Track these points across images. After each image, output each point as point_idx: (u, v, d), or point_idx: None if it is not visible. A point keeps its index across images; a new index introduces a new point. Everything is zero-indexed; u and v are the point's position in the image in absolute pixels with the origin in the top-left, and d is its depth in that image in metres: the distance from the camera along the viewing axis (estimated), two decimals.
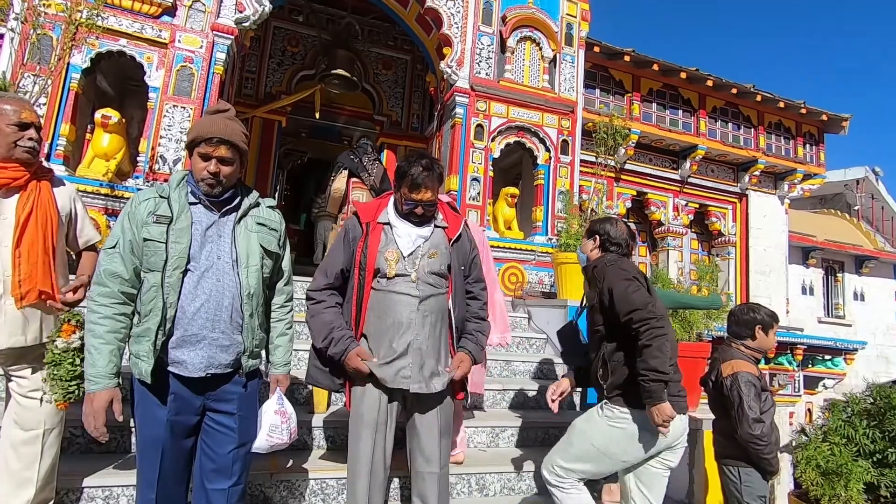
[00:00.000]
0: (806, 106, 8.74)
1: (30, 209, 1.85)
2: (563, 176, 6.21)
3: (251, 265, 1.77)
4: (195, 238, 1.69)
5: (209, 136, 1.66)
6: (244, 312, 1.75)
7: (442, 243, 2.12)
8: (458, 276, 2.14)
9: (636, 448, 2.05)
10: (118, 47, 4.73)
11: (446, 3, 5.96)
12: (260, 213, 1.86)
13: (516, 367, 4.12)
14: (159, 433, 1.68)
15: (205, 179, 1.69)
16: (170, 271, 1.65)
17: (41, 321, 1.89)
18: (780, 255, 9.20)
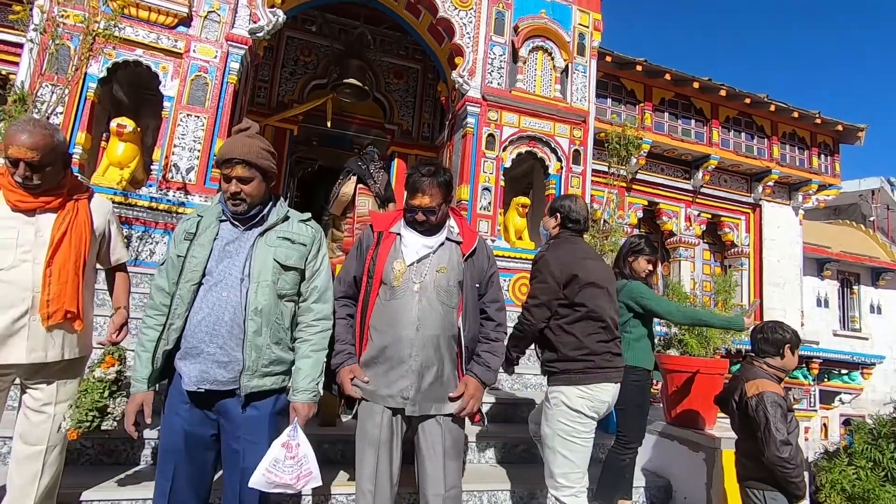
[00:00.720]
0: (821, 116, 8.64)
1: (65, 229, 1.85)
2: (574, 186, 6.17)
3: (262, 280, 1.72)
4: (214, 253, 1.74)
5: (226, 157, 1.72)
6: (247, 328, 1.69)
7: (454, 258, 2.01)
8: (470, 292, 2.00)
9: (580, 420, 2.25)
10: (134, 57, 4.78)
11: (458, 13, 5.97)
12: (287, 228, 1.82)
13: (528, 380, 4.06)
14: (174, 442, 1.71)
15: (228, 199, 1.75)
16: (182, 283, 1.73)
17: (63, 339, 1.88)
18: (795, 267, 9.06)
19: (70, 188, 1.94)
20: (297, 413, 1.77)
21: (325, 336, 1.85)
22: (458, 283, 1.97)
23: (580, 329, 2.30)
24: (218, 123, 4.98)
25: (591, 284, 2.34)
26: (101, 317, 3.43)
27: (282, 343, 1.78)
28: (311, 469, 1.72)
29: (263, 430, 1.74)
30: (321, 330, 1.84)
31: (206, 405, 1.72)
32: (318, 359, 1.82)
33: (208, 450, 1.76)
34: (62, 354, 1.87)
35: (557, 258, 2.38)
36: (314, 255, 1.86)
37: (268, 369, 1.74)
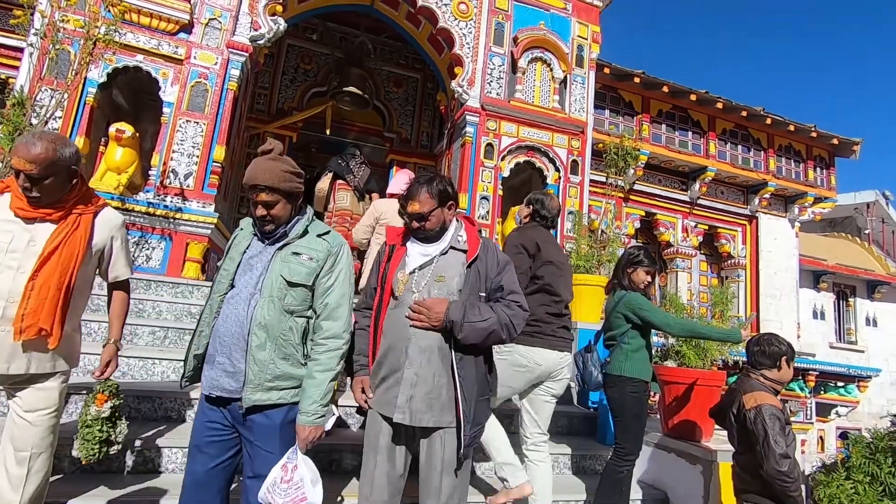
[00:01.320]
0: (816, 129, 8.72)
1: (58, 243, 1.80)
2: (572, 196, 6.19)
3: (269, 296, 1.73)
4: (242, 266, 1.82)
5: (251, 183, 1.76)
6: (250, 342, 1.70)
7: (455, 267, 1.95)
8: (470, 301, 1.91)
9: (516, 377, 2.60)
10: (135, 63, 4.79)
11: (458, 24, 6.02)
12: (303, 243, 1.81)
13: None
14: (198, 436, 1.79)
15: (258, 219, 1.81)
16: (213, 294, 1.83)
17: (31, 355, 1.80)
18: (791, 279, 9.08)
19: (78, 200, 1.89)
20: (298, 435, 1.74)
21: (333, 356, 1.78)
22: (459, 291, 1.92)
23: (534, 300, 2.56)
24: (217, 130, 4.99)
25: (551, 263, 2.67)
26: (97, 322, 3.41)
27: (290, 358, 1.75)
28: (304, 495, 1.67)
29: (275, 439, 1.73)
30: (330, 349, 1.78)
31: (224, 408, 1.77)
32: (323, 379, 1.75)
33: (223, 449, 1.77)
34: (27, 368, 1.80)
35: (525, 235, 2.74)
36: (328, 270, 1.81)
37: (272, 384, 1.72)
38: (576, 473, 3.32)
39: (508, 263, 2.04)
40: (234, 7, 5.16)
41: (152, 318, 3.77)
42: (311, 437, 1.74)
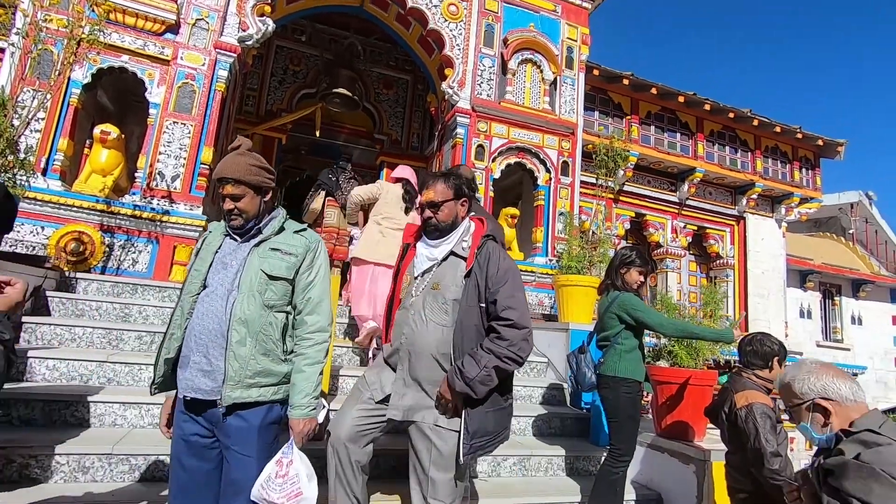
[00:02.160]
0: (802, 131, 8.84)
1: None
2: (563, 197, 6.20)
3: (249, 291, 1.71)
4: (214, 265, 1.79)
5: (218, 176, 1.79)
6: (230, 338, 1.67)
7: (454, 274, 1.94)
8: (465, 312, 1.87)
9: None
10: (120, 63, 4.72)
11: (448, 25, 6.02)
12: (281, 240, 1.82)
13: (517, 392, 4.02)
14: (175, 451, 1.76)
15: (225, 216, 1.81)
16: (183, 295, 1.79)
17: None
18: (779, 278, 9.19)
19: None
20: (292, 430, 1.73)
21: (320, 349, 1.79)
22: (454, 301, 1.90)
23: None
24: (205, 131, 4.92)
25: None
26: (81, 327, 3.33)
27: (270, 354, 1.73)
28: (300, 489, 1.65)
29: (252, 442, 1.69)
30: (316, 343, 1.79)
31: (200, 415, 1.72)
32: (312, 373, 1.76)
33: (203, 459, 1.73)
34: None
35: None
36: (307, 265, 1.82)
37: (253, 380, 1.69)
38: (569, 475, 3.31)
39: (510, 272, 1.92)
40: (222, 7, 5.10)
41: (139, 322, 3.70)
42: (307, 429, 1.75)
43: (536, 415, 3.70)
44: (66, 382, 2.95)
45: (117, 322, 3.61)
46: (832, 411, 1.48)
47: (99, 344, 3.33)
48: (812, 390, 1.52)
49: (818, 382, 1.52)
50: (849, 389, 1.50)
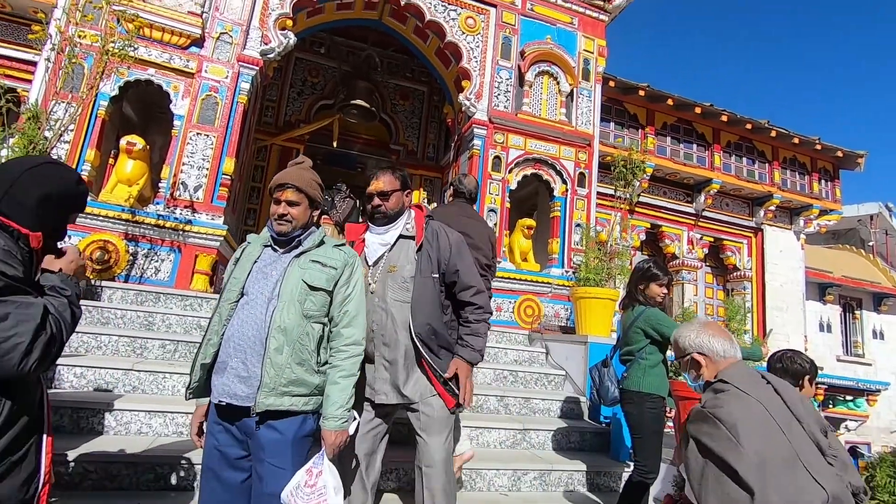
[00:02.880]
0: (821, 142, 8.75)
1: None
2: (579, 208, 6.19)
3: (290, 300, 1.75)
4: (253, 274, 1.82)
5: (280, 182, 1.86)
6: (268, 345, 1.70)
7: (408, 254, 2.12)
8: (420, 286, 2.07)
9: None
10: (146, 76, 4.83)
11: (466, 38, 6.08)
12: (321, 252, 1.86)
13: (536, 405, 4.00)
14: (208, 460, 1.78)
15: (275, 219, 1.85)
16: (222, 302, 1.83)
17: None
18: (797, 291, 9.05)
19: None
20: (324, 441, 1.75)
21: (355, 362, 1.82)
22: (411, 277, 2.08)
23: None
24: (227, 142, 5.01)
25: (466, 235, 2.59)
26: (107, 335, 3.38)
27: (305, 364, 1.75)
28: (326, 500, 1.66)
29: (287, 455, 1.71)
30: (352, 355, 1.82)
31: (233, 424, 1.74)
32: (346, 385, 1.79)
33: (237, 469, 1.75)
34: None
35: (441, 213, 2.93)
36: (345, 279, 1.86)
37: (286, 389, 1.71)
38: (590, 490, 3.27)
39: (461, 244, 2.19)
40: (245, 21, 5.22)
41: (162, 331, 3.75)
42: (339, 441, 1.76)
43: (556, 428, 3.67)
44: (92, 390, 2.99)
45: (141, 330, 3.67)
46: (703, 364, 1.71)
47: (124, 352, 3.38)
48: (691, 346, 1.75)
49: (696, 339, 1.75)
50: (721, 347, 1.71)
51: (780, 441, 1.47)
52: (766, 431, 1.49)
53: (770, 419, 1.51)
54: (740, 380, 1.60)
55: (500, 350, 4.74)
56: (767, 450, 1.44)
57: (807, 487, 1.41)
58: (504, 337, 5.11)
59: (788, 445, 1.47)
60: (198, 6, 5.01)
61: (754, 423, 1.49)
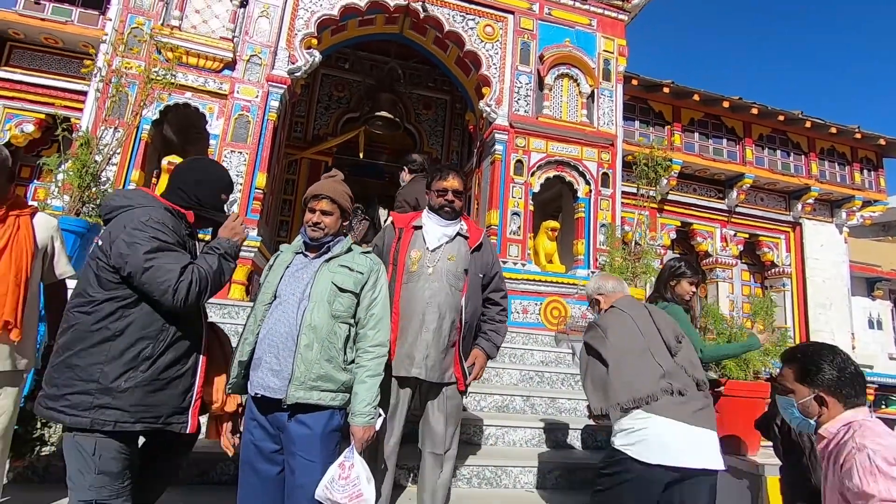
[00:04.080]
0: (861, 131, 8.39)
1: (4, 243, 1.89)
2: (604, 209, 6.17)
3: (319, 300, 1.89)
4: (285, 277, 1.99)
5: (315, 193, 2.05)
6: (299, 342, 1.84)
7: (462, 250, 2.39)
8: (473, 279, 2.36)
9: None
10: (184, 100, 5.16)
11: (485, 46, 6.19)
12: (349, 258, 2.01)
13: (562, 405, 4.03)
14: (245, 455, 1.93)
15: (309, 226, 2.03)
16: (257, 304, 1.99)
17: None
18: (842, 287, 8.67)
19: (12, 204, 2.00)
20: (353, 436, 1.88)
21: (380, 362, 1.95)
22: (464, 270, 2.35)
23: None
24: (259, 158, 5.28)
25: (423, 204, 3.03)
26: None
27: (333, 361, 1.87)
28: (361, 491, 1.79)
29: (316, 448, 1.84)
30: (377, 356, 1.94)
31: (267, 417, 1.89)
32: (372, 384, 1.91)
33: (271, 463, 1.90)
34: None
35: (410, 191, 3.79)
36: (372, 284, 2.00)
37: (315, 383, 1.83)
38: None
39: (498, 259, 2.59)
40: (273, 43, 5.50)
41: None
42: (366, 436, 1.88)
43: (581, 427, 3.70)
44: None
45: None
46: (601, 300, 2.38)
47: None
48: (592, 290, 2.45)
49: (594, 284, 2.46)
50: (611, 286, 2.41)
51: (638, 339, 2.11)
52: (628, 332, 2.13)
53: (634, 326, 2.15)
54: (623, 304, 2.27)
55: (527, 351, 4.79)
56: (625, 342, 2.10)
57: (649, 364, 2.04)
58: (531, 338, 5.15)
59: (643, 342, 2.10)
60: (229, 31, 5.32)
61: (620, 327, 2.15)
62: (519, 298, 5.64)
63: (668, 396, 1.97)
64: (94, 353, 1.63)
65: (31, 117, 5.92)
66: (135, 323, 1.67)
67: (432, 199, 2.45)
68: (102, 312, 1.66)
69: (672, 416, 1.93)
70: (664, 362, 2.04)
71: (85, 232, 3.45)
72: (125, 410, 1.63)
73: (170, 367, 1.71)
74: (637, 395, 1.96)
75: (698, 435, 1.94)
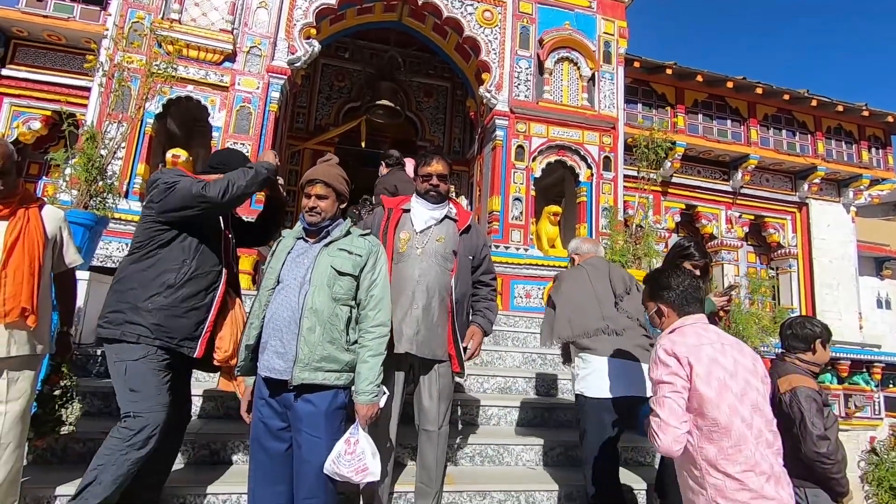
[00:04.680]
0: (868, 108, 8.28)
1: (17, 235, 1.96)
2: (605, 192, 6.18)
3: (320, 284, 1.95)
4: (287, 263, 2.06)
5: (310, 178, 2.10)
6: (302, 325, 1.91)
7: (451, 232, 2.47)
8: (462, 260, 2.44)
9: None
10: (186, 93, 5.21)
11: (484, 31, 6.17)
12: (347, 241, 2.07)
13: (564, 386, 4.08)
14: (255, 433, 2.02)
15: (306, 211, 2.09)
16: (261, 290, 2.06)
17: (11, 336, 1.95)
18: (849, 267, 8.61)
19: (21, 197, 2.08)
20: (357, 413, 1.95)
21: (382, 341, 2.01)
22: (452, 251, 2.43)
23: None
24: (261, 149, 5.33)
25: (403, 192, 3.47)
26: None
27: (335, 343, 1.94)
28: (366, 465, 1.88)
29: (321, 426, 1.92)
30: (378, 336, 2.00)
31: (274, 398, 1.97)
32: (374, 363, 1.97)
33: (279, 440, 1.98)
34: (8, 351, 1.94)
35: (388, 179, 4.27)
36: (371, 266, 2.05)
37: (319, 364, 1.90)
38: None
39: (487, 246, 2.67)
40: (272, 34, 5.52)
41: None
42: (370, 413, 1.96)
43: None
44: None
45: None
46: (576, 259, 2.87)
47: None
48: (572, 249, 2.97)
49: (574, 245, 2.96)
50: (587, 248, 2.90)
51: (586, 288, 2.55)
52: (580, 283, 2.58)
53: (587, 278, 2.58)
54: (588, 262, 2.71)
55: (530, 335, 4.84)
56: (574, 291, 2.57)
57: (591, 308, 2.48)
58: (533, 322, 5.20)
59: (591, 290, 2.54)
60: (228, 23, 5.35)
61: (574, 279, 2.62)
62: (522, 283, 5.69)
63: (604, 335, 2.40)
64: (132, 280, 2.07)
65: (38, 114, 6.01)
66: (163, 258, 2.08)
67: (418, 185, 2.51)
68: (142, 252, 2.09)
69: (609, 355, 2.38)
70: (606, 308, 2.48)
71: (93, 225, 3.52)
72: (147, 328, 2.01)
73: (187, 298, 2.08)
74: (576, 330, 2.42)
75: (631, 367, 2.36)
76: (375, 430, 2.20)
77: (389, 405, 2.30)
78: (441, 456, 2.39)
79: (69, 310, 2.32)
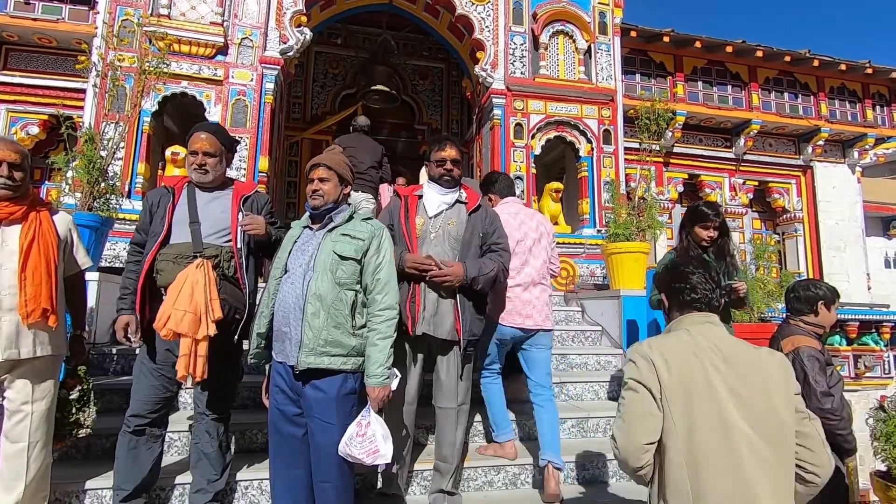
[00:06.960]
0: (872, 65, 8.11)
1: (32, 237, 2.02)
2: (607, 166, 6.14)
3: (323, 269, 1.99)
4: (293, 252, 2.11)
5: (313, 163, 2.17)
6: (306, 310, 1.95)
7: (462, 215, 2.52)
8: (471, 240, 2.48)
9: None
10: (181, 89, 5.19)
11: (476, 9, 6.07)
12: (350, 226, 2.10)
13: (572, 360, 4.13)
14: (272, 418, 2.08)
15: (310, 195, 2.14)
16: (270, 279, 2.11)
17: (35, 337, 2.00)
18: (856, 228, 8.55)
19: (32, 200, 2.13)
20: (369, 396, 1.99)
21: (390, 324, 2.02)
22: (460, 234, 2.48)
23: None
24: (259, 142, 5.33)
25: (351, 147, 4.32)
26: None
27: (341, 327, 1.97)
28: (377, 447, 1.91)
29: (332, 411, 1.96)
30: (386, 319, 2.02)
31: (287, 384, 2.02)
32: (384, 346, 1.99)
33: (295, 426, 2.04)
34: (34, 352, 2.00)
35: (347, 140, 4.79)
36: (375, 249, 2.07)
37: (324, 349, 1.94)
38: None
39: (497, 218, 2.64)
40: (263, 24, 5.47)
41: None
42: (381, 395, 1.99)
43: (592, 380, 3.81)
44: None
45: None
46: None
47: None
48: None
49: None
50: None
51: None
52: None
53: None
54: None
55: None
56: None
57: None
58: None
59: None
60: (218, 15, 5.30)
61: None
62: None
63: None
64: None
65: (35, 119, 6.01)
66: None
67: (432, 170, 2.55)
68: None
69: None
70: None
71: (98, 226, 3.56)
72: None
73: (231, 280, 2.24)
74: None
75: None
76: (390, 413, 2.25)
77: (402, 388, 2.33)
78: (461, 434, 2.44)
79: (81, 312, 2.37)
